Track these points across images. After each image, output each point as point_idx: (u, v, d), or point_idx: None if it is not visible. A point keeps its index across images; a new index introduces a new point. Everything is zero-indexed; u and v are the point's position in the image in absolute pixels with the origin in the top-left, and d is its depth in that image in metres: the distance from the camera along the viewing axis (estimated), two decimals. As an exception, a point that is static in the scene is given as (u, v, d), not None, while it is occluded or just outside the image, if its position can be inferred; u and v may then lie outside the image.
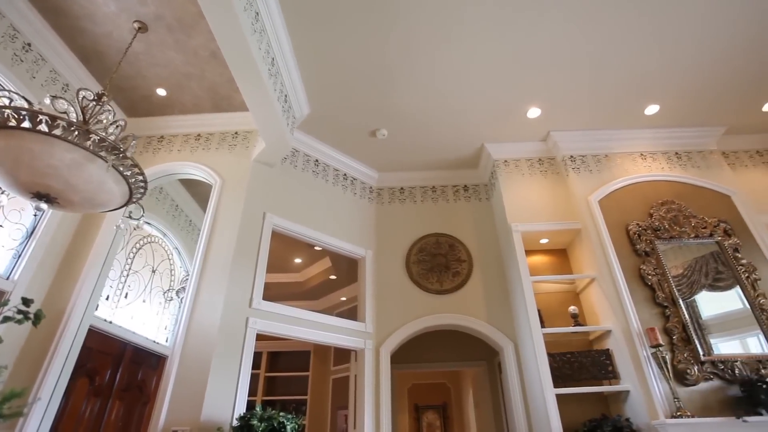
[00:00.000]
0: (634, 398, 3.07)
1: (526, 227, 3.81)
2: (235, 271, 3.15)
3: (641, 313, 3.21)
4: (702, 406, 2.88)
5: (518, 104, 3.81)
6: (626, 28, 3.15)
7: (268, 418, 2.45)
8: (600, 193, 3.80)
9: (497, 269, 4.16)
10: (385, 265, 4.23)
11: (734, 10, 3.04)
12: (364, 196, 4.55)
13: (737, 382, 2.92)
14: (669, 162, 4.08)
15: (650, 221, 3.62)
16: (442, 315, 3.93)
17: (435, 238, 4.35)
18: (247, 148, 3.80)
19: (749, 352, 3.09)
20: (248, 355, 2.98)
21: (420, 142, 4.26)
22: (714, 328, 3.18)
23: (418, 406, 7.50)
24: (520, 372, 3.64)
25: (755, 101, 3.94)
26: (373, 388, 3.60)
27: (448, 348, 5.20)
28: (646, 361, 3.00)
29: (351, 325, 3.74)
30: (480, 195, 4.64)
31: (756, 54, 3.41)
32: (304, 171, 4.11)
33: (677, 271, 3.40)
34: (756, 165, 4.34)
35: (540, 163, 4.28)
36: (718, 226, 3.58)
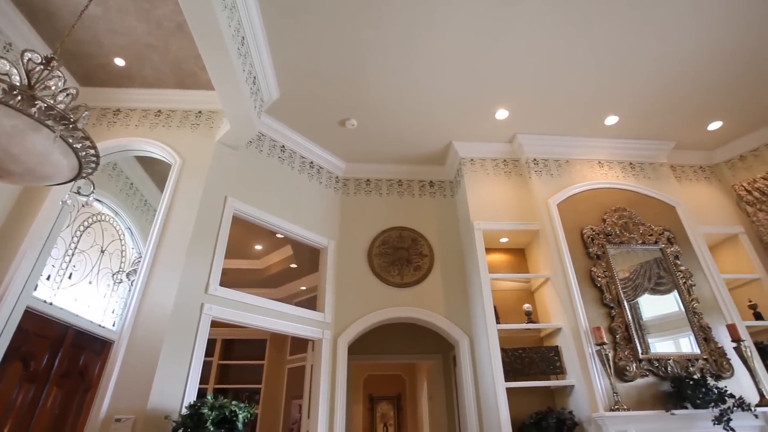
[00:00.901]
0: (577, 392, 3.24)
1: (487, 226, 3.91)
2: (192, 255, 3.03)
3: (589, 312, 3.39)
4: (637, 400, 3.08)
5: (487, 105, 3.88)
6: (592, 42, 3.27)
7: (219, 407, 2.39)
8: (559, 197, 3.95)
9: (457, 265, 4.24)
10: (348, 256, 4.21)
11: (688, 35, 3.23)
12: (330, 186, 4.50)
13: (669, 379, 3.15)
14: (623, 171, 4.31)
15: (603, 226, 3.81)
16: (401, 308, 3.97)
17: (398, 231, 4.38)
18: (211, 129, 3.65)
19: (681, 351, 3.34)
20: (201, 342, 2.89)
21: (389, 135, 4.26)
22: (652, 329, 3.41)
23: (373, 397, 7.58)
24: (474, 365, 3.75)
25: (702, 120, 4.23)
26: (329, 378, 3.60)
27: (405, 340, 5.28)
28: (590, 358, 3.17)
29: (310, 315, 3.71)
30: (445, 191, 4.71)
31: (704, 77, 3.65)
32: (269, 156, 4.00)
33: (624, 274, 3.61)
34: (699, 179, 4.66)
35: (504, 163, 4.39)
36: (662, 234, 3.82)
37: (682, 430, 2.97)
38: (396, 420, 7.44)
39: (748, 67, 3.59)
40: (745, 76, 3.69)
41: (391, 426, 7.39)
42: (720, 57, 3.47)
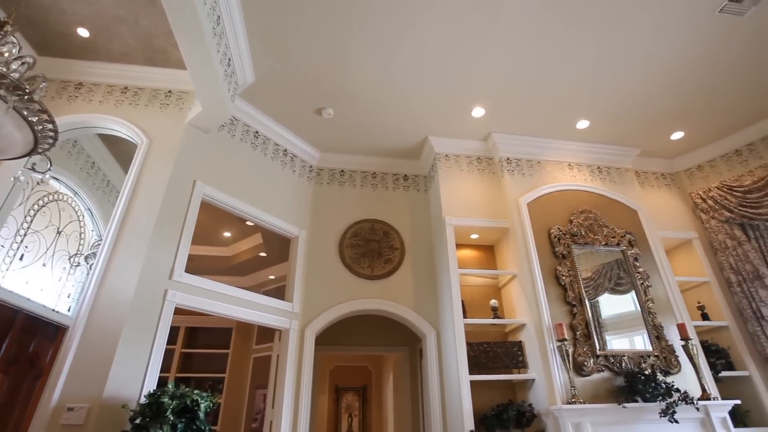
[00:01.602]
0: (538, 386, 3.35)
1: (459, 221, 3.96)
2: (157, 240, 2.92)
3: (553, 309, 3.50)
4: (593, 394, 3.23)
5: (465, 102, 3.91)
6: (568, 49, 3.35)
7: (180, 396, 2.33)
8: (529, 197, 4.04)
9: (427, 259, 4.29)
10: (318, 247, 4.18)
11: (655, 49, 3.36)
12: (303, 175, 4.44)
13: (623, 374, 3.31)
14: (591, 174, 4.45)
15: (570, 227, 3.93)
16: (370, 300, 3.98)
17: (371, 223, 4.38)
18: (181, 110, 3.51)
19: (635, 348, 3.51)
20: (164, 329, 2.80)
21: (365, 127, 4.23)
22: (610, 327, 3.56)
23: (339, 388, 7.60)
24: (440, 358, 3.81)
25: (666, 130, 4.42)
26: (295, 368, 3.58)
27: (373, 332, 5.31)
28: (552, 354, 3.29)
29: (278, 305, 3.66)
30: (419, 186, 4.73)
31: (669, 90, 3.82)
32: (242, 141, 3.90)
33: (587, 274, 3.74)
34: (660, 186, 4.88)
35: (479, 161, 4.45)
36: (624, 236, 3.98)
37: (632, 422, 3.14)
38: (361, 411, 7.49)
39: (708, 83, 3.78)
40: (706, 91, 3.88)
41: (356, 417, 7.44)
42: (683, 72, 3.64)
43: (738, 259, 4.26)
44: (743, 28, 3.29)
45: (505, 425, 3.23)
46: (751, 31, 3.32)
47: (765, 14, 3.18)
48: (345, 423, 7.39)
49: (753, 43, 3.41)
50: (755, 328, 4.01)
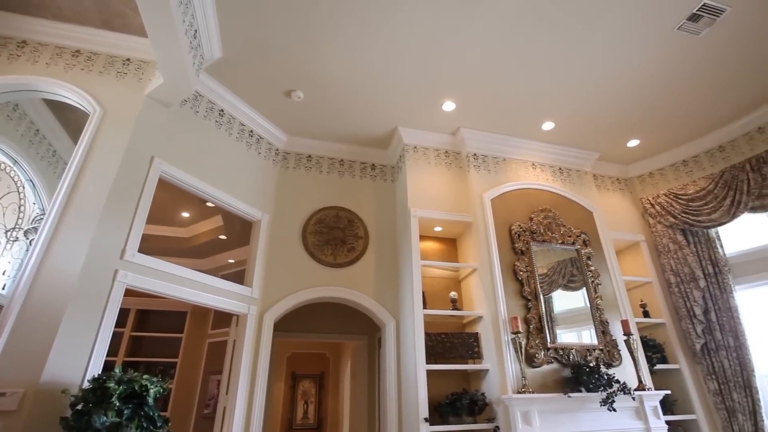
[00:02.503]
0: (491, 376, 3.48)
1: (424, 213, 4.00)
2: (108, 216, 2.75)
3: (509, 303, 3.63)
4: (542, 384, 3.38)
5: (436, 96, 3.92)
6: (539, 51, 3.42)
7: (128, 381, 2.22)
8: (493, 193, 4.14)
9: (391, 249, 4.31)
10: (281, 232, 4.10)
11: (616, 60, 3.50)
12: (269, 158, 4.32)
13: (570, 366, 3.49)
14: (553, 175, 4.61)
15: (529, 224, 4.06)
16: (332, 288, 3.96)
17: (335, 211, 4.34)
18: (140, 81, 3.30)
19: (582, 342, 3.71)
20: (112, 311, 2.66)
21: (336, 112, 4.15)
22: (561, 321, 3.74)
23: (296, 375, 7.57)
24: (398, 347, 3.87)
25: (623, 137, 4.64)
26: (252, 354, 3.52)
27: (332, 320, 5.30)
28: (506, 345, 3.41)
29: (236, 289, 3.57)
30: (386, 176, 4.72)
31: (629, 99, 4.00)
32: (206, 119, 3.73)
33: (543, 270, 3.89)
34: (615, 190, 5.14)
35: (446, 155, 4.50)
36: (579, 236, 4.17)
37: (576, 410, 3.33)
38: (317, 397, 7.50)
39: (663, 96, 3.99)
40: (660, 103, 4.10)
41: (311, 403, 7.45)
42: (642, 82, 3.82)
43: (678, 261, 4.57)
44: (697, 47, 3.49)
45: (458, 413, 3.34)
46: (704, 51, 3.52)
47: (717, 36, 3.38)
48: (300, 409, 7.38)
49: (705, 62, 3.63)
50: (687, 326, 4.34)
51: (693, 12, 3.16)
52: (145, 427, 2.18)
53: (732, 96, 4.07)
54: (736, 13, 3.20)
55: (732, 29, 3.33)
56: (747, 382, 3.97)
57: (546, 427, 3.19)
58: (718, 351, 4.16)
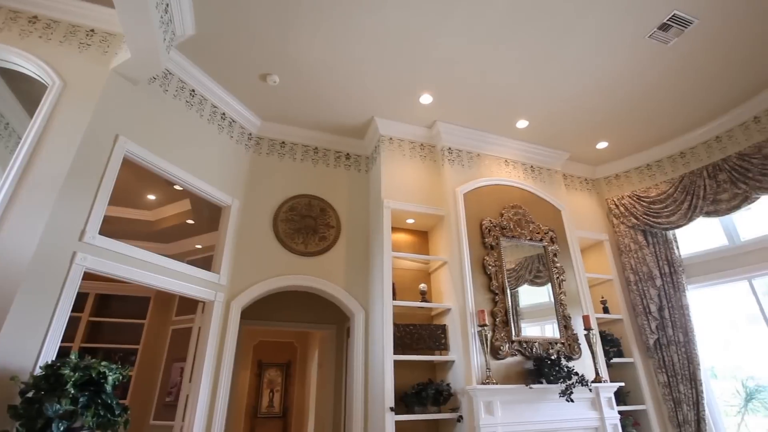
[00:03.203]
0: (457, 367, 3.55)
1: (397, 205, 4.00)
2: (66, 196, 2.62)
3: (477, 296, 3.70)
4: (505, 375, 3.48)
5: (414, 88, 3.91)
6: (516, 50, 3.46)
7: (84, 368, 2.13)
8: (466, 187, 4.19)
9: (362, 240, 4.30)
10: (252, 218, 4.02)
11: (589, 65, 3.59)
12: (242, 142, 4.20)
13: (533, 358, 3.61)
14: (525, 172, 4.71)
15: (500, 220, 4.14)
16: (302, 276, 3.93)
17: (308, 199, 4.28)
18: (105, 54, 3.12)
19: (545, 336, 3.83)
20: (69, 295, 2.54)
21: (312, 99, 4.08)
22: (526, 315, 3.85)
23: (262, 363, 7.49)
24: (366, 337, 3.89)
25: (593, 139, 4.78)
26: (218, 342, 3.45)
27: (301, 309, 5.26)
28: (472, 337, 3.48)
29: (203, 275, 3.49)
30: (360, 166, 4.70)
31: (599, 102, 4.12)
32: (176, 99, 3.58)
33: (511, 265, 3.99)
34: (582, 190, 5.30)
35: (421, 147, 4.51)
36: (547, 233, 4.28)
37: (536, 401, 3.45)
38: (283, 386, 7.46)
39: (631, 101, 4.14)
40: (628, 108, 4.24)
41: (277, 392, 7.40)
42: (612, 86, 3.94)
43: (637, 261, 4.78)
44: (665, 56, 3.62)
45: (423, 403, 3.40)
46: (671, 60, 3.66)
47: (684, 46, 3.52)
48: (266, 398, 7.33)
49: (671, 70, 3.78)
50: (643, 322, 4.56)
51: (664, 21, 3.28)
52: (102, 415, 2.10)
53: (694, 105, 4.26)
54: (703, 26, 3.34)
55: (698, 41, 3.47)
56: (693, 375, 4.22)
57: (507, 416, 3.30)
58: (669, 346, 4.40)
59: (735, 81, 3.96)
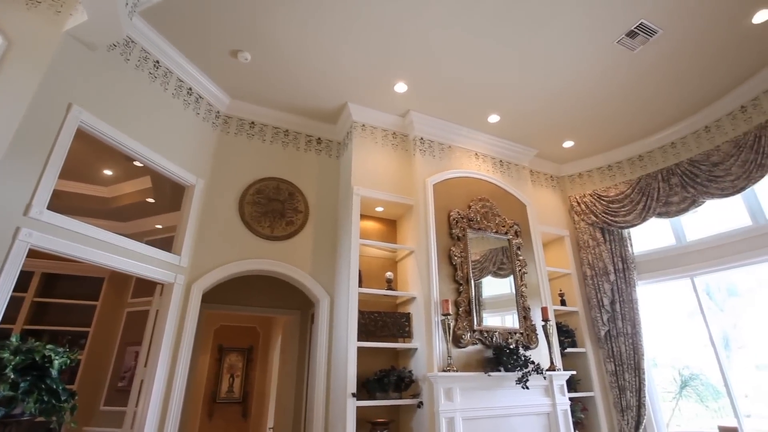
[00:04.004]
0: (419, 354, 3.61)
1: (366, 193, 3.98)
2: (10, 167, 2.42)
3: (442, 286, 3.76)
4: (465, 363, 3.58)
5: (389, 75, 3.87)
6: (491, 46, 3.49)
7: (27, 351, 2.01)
8: (436, 178, 4.22)
9: (330, 226, 4.26)
10: (216, 199, 3.88)
11: (558, 66, 3.68)
12: (209, 120, 4.04)
13: (492, 347, 3.72)
14: (494, 166, 4.80)
15: (468, 212, 4.21)
16: (267, 261, 3.85)
17: (276, 182, 4.19)
18: (59, 14, 2.88)
19: (505, 326, 3.96)
20: (11, 273, 2.37)
21: (284, 80, 3.96)
22: (488, 306, 3.95)
23: (223, 348, 7.35)
24: (331, 324, 3.88)
25: (560, 137, 4.92)
26: (176, 325, 3.34)
27: (265, 293, 5.18)
28: (435, 326, 3.55)
29: (163, 257, 3.35)
30: (331, 151, 4.63)
31: (567, 103, 4.24)
32: (138, 69, 3.38)
33: (476, 257, 4.07)
34: (547, 187, 5.47)
35: (394, 136, 4.49)
36: (512, 227, 4.40)
37: (494, 388, 3.57)
38: (244, 371, 7.36)
39: (596, 103, 4.29)
40: (593, 109, 4.40)
41: (238, 377, 7.29)
42: (579, 88, 4.07)
43: (595, 256, 5.00)
44: (631, 62, 3.76)
45: (384, 389, 3.44)
46: (636, 66, 3.81)
47: (648, 54, 3.67)
48: (226, 383, 7.20)
49: (635, 76, 3.93)
50: (596, 314, 4.80)
51: (631, 29, 3.40)
52: (47, 401, 1.99)
53: (653, 111, 4.46)
54: (667, 36, 3.49)
55: (661, 50, 3.63)
56: (637, 365, 4.50)
57: (466, 402, 3.40)
58: (618, 337, 4.66)
59: (691, 91, 4.17)
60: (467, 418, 3.37)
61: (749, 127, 4.08)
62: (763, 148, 3.85)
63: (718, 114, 4.37)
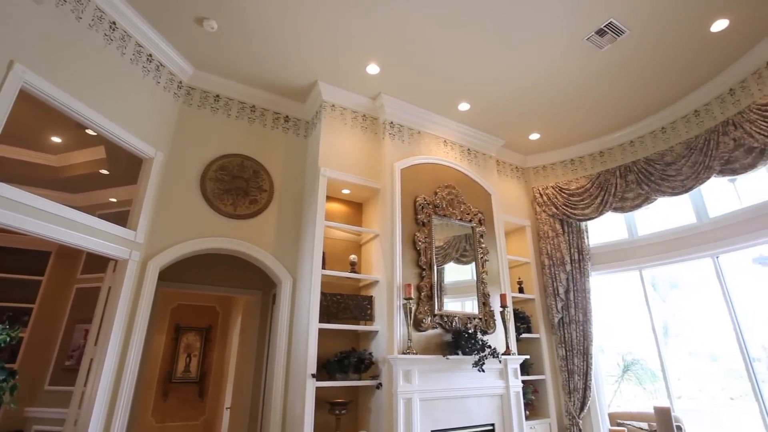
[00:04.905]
0: (380, 337, 3.65)
1: (333, 174, 3.93)
2: (-58, 126, 2.21)
3: (405, 271, 3.80)
4: (425, 346, 3.66)
5: (363, 55, 3.80)
6: (465, 34, 3.48)
7: (-39, 326, 1.87)
8: (404, 163, 4.22)
9: (295, 206, 4.19)
10: (177, 174, 3.72)
11: (529, 58, 3.74)
12: (170, 90, 3.83)
13: (452, 332, 3.82)
14: (462, 154, 4.85)
15: (434, 198, 4.25)
16: (229, 240, 3.76)
17: (241, 159, 4.06)
18: (1, -39, 2.63)
19: (465, 311, 4.07)
20: (-57, 243, 2.19)
21: (253, 53, 3.80)
22: (449, 291, 4.04)
23: (180, 327, 7.16)
24: (293, 305, 3.85)
25: (527, 129, 5.03)
26: (130, 303, 3.22)
27: (226, 273, 5.06)
28: (397, 310, 3.59)
29: (117, 231, 3.19)
30: (299, 130, 4.52)
31: (536, 95, 4.32)
32: (91, 29, 3.14)
33: (439, 243, 4.13)
34: (512, 177, 5.59)
35: (363, 118, 4.43)
36: (476, 215, 4.48)
37: (451, 370, 3.69)
38: (202, 351, 7.22)
39: (563, 98, 4.40)
40: (560, 104, 4.51)
41: (195, 357, 7.15)
42: (548, 82, 4.16)
43: (553, 247, 5.20)
44: (598, 60, 3.87)
45: (344, 370, 3.47)
46: (602, 65, 3.93)
47: (615, 54, 3.79)
48: (182, 363, 7.05)
49: (601, 75, 4.06)
50: (551, 302, 5.02)
51: (601, 27, 3.48)
52: (-17, 378, 1.88)
53: (616, 109, 4.63)
54: (634, 37, 3.60)
55: (627, 51, 3.75)
56: (586, 350, 4.76)
57: (423, 384, 3.49)
58: (570, 324, 4.90)
59: (651, 93, 4.35)
60: (424, 399, 3.46)
61: (701, 130, 4.32)
62: (711, 151, 4.09)
63: (674, 116, 4.59)
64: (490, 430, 3.79)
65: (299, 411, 3.25)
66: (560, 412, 4.78)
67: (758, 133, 3.66)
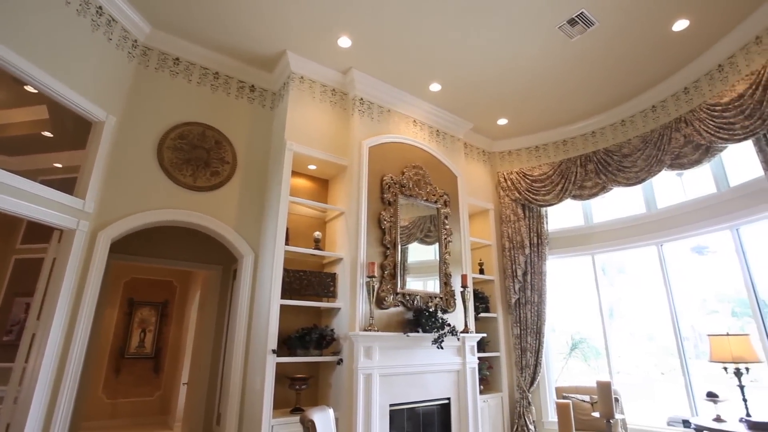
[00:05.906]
0: (342, 314, 3.66)
1: (300, 149, 3.83)
2: None
3: (369, 249, 3.80)
4: (386, 323, 3.71)
5: (335, 27, 3.66)
6: (440, 16, 3.42)
7: None
8: (373, 141, 4.16)
9: (259, 180, 4.07)
10: (131, 140, 3.50)
11: (501, 44, 3.74)
12: (124, 48, 3.55)
13: (413, 310, 3.89)
14: (431, 135, 4.84)
15: (401, 178, 4.24)
16: (187, 212, 3.60)
17: (202, 128, 3.86)
18: None
19: (427, 290, 4.14)
20: None
21: (218, 15, 3.57)
22: (412, 270, 4.09)
23: (134, 301, 6.89)
24: (254, 280, 3.78)
25: (495, 114, 5.08)
26: (78, 276, 3.04)
27: (184, 246, 4.89)
28: (360, 287, 3.61)
29: (62, 199, 2.97)
30: (265, 101, 4.35)
31: (506, 80, 4.35)
32: (32, -27, 2.83)
33: (405, 223, 4.15)
34: (479, 161, 5.67)
35: (333, 93, 4.32)
36: (442, 196, 4.53)
37: (412, 347, 3.77)
38: (157, 326, 6.99)
39: (532, 84, 4.46)
40: (527, 92, 4.58)
41: (150, 332, 6.92)
42: (518, 68, 4.19)
43: (514, 230, 5.36)
44: (567, 50, 3.93)
45: (305, 346, 3.47)
46: (571, 54, 4.00)
47: (584, 45, 3.86)
48: (136, 338, 6.81)
49: (569, 63, 4.13)
50: (509, 283, 5.20)
51: (573, 16, 3.52)
52: None
53: (580, 99, 4.76)
54: (602, 30, 3.67)
55: (595, 42, 3.83)
56: (539, 329, 5.00)
57: (383, 360, 3.55)
58: (526, 305, 5.12)
59: (614, 85, 4.49)
60: (384, 374, 3.53)
61: (656, 125, 4.52)
62: (664, 146, 4.31)
63: (633, 110, 4.77)
64: (446, 404, 3.94)
65: (259, 386, 3.23)
66: (512, 386, 5.03)
67: (705, 131, 3.87)
